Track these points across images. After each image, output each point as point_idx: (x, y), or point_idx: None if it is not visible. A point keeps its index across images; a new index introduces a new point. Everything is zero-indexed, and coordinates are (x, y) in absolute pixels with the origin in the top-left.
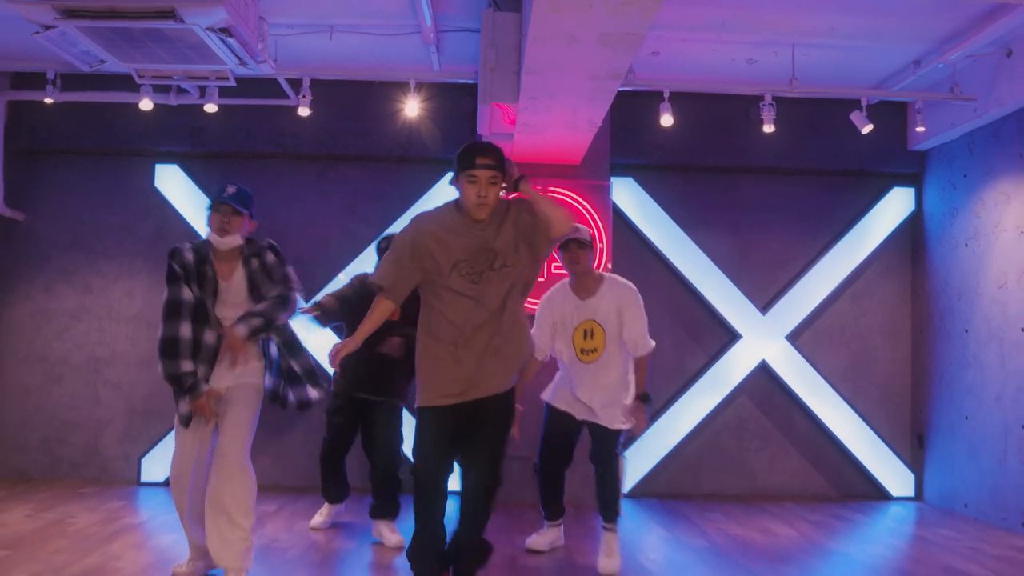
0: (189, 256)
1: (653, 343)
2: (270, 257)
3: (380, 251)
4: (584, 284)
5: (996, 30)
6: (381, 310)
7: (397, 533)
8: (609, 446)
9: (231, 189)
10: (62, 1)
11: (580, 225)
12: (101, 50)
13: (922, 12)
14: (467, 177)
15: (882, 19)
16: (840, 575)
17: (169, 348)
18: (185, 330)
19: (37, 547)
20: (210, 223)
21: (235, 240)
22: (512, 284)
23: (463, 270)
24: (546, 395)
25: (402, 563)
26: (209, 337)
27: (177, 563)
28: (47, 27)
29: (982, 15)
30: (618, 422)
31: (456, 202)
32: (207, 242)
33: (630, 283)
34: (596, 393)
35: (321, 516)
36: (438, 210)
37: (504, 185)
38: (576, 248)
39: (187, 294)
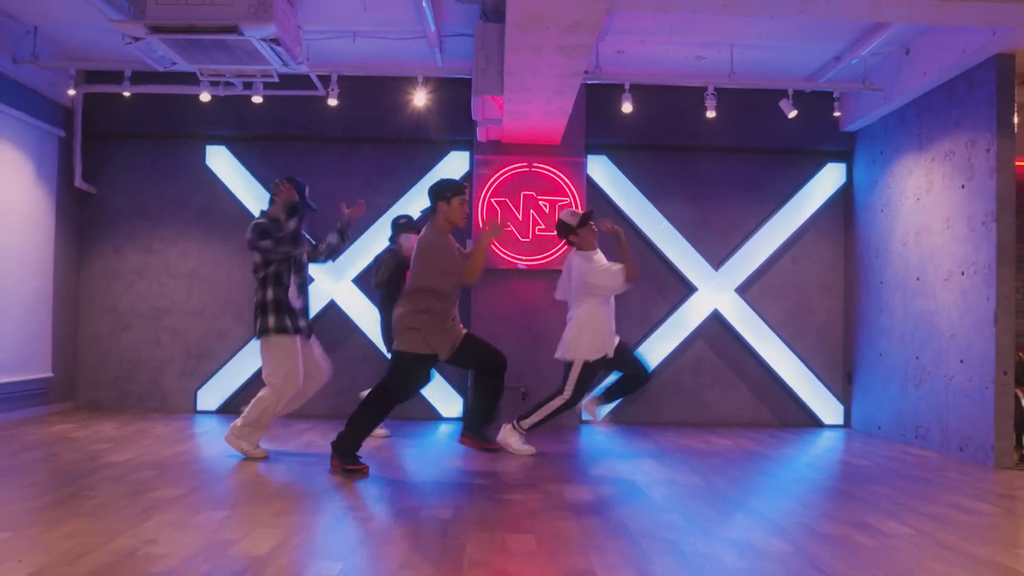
0: None
1: None
2: None
3: (395, 227)
4: None
5: (890, 34)
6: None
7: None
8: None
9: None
10: (153, 20)
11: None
12: (175, 55)
13: (829, 21)
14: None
15: (801, 25)
16: (753, 464)
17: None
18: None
19: (131, 443)
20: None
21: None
22: None
23: None
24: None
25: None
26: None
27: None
28: (137, 39)
29: (874, 23)
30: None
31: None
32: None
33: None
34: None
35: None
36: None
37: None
38: None
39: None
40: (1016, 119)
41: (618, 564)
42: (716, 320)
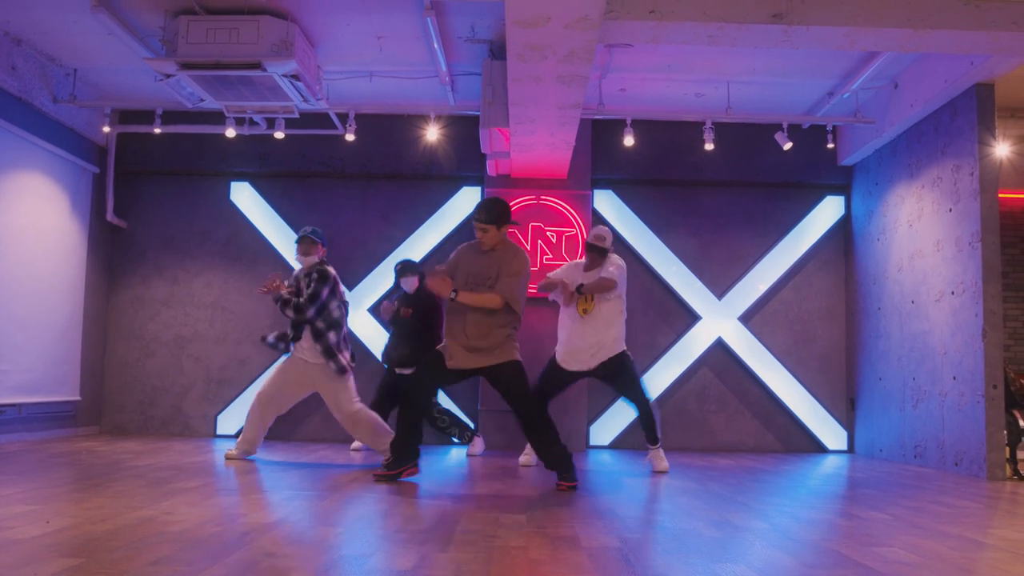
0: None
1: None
2: (315, 276)
3: (397, 273)
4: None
5: (878, 67)
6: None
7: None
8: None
9: (307, 228)
10: (183, 58)
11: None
12: (203, 91)
13: (820, 55)
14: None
15: (793, 61)
16: (749, 477)
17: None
18: None
19: (155, 456)
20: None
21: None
22: None
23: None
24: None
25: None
26: None
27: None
28: (168, 75)
29: (864, 56)
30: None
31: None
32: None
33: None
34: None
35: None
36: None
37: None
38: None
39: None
40: (1005, 148)
41: (601, 534)
42: (720, 348)
